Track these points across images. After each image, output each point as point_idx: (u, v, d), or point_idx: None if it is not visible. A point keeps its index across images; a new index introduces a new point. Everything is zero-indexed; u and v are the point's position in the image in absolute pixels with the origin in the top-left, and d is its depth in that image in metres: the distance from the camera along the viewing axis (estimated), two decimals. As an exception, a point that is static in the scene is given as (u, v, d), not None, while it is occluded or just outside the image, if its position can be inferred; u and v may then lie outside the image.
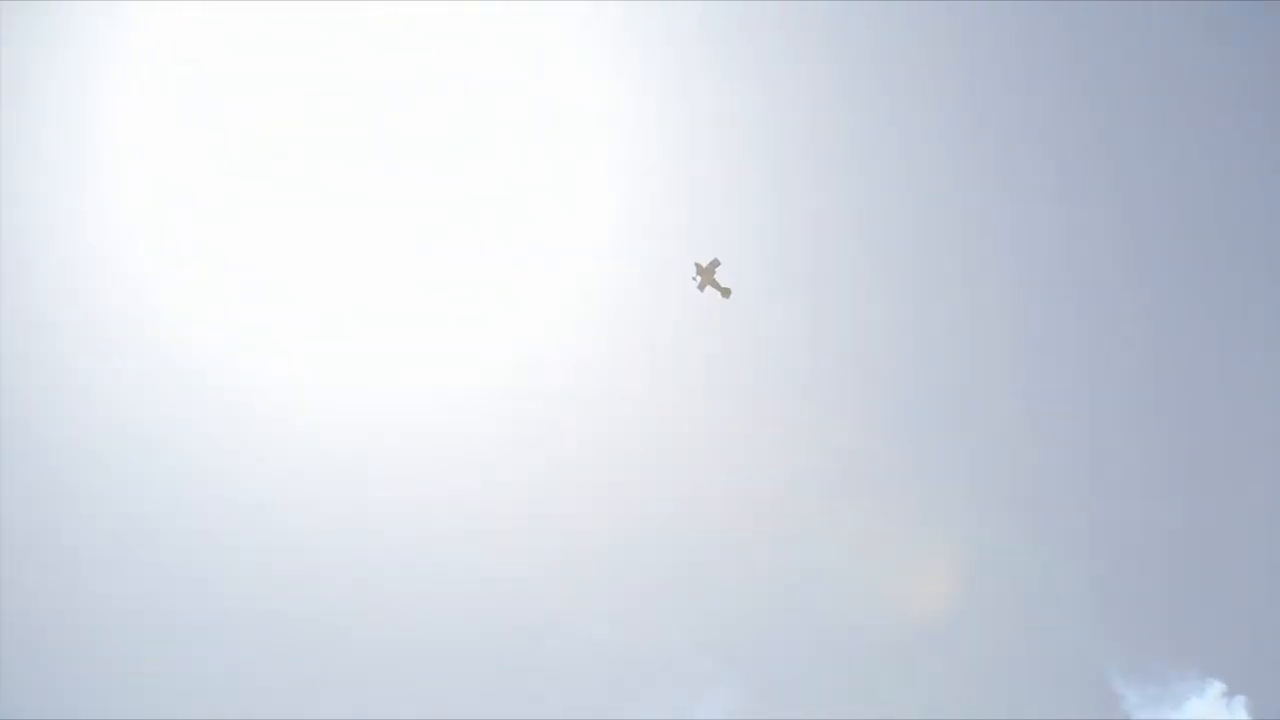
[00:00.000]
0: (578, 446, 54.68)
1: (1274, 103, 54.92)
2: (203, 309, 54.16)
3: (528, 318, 55.35)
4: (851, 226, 55.57)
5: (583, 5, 54.49)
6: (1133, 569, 53.27)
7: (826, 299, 55.28)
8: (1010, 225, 55.56)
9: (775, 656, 52.46)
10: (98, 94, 53.23)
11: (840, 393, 55.08)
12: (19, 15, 51.88)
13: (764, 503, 53.88)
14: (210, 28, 53.72)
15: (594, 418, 54.73)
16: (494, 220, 55.49)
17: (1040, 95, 55.51)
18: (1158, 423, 54.99)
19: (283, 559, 53.11)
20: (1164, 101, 55.37)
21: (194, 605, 52.41)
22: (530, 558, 53.80)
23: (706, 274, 51.18)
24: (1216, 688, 50.43)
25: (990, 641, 52.48)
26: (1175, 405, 55.11)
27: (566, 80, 54.97)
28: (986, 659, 52.27)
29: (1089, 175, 55.59)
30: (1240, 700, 50.15)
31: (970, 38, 55.09)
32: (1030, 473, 54.87)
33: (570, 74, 54.94)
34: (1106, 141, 55.58)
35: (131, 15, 53.18)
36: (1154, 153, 55.55)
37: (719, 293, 51.83)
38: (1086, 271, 55.62)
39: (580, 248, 55.37)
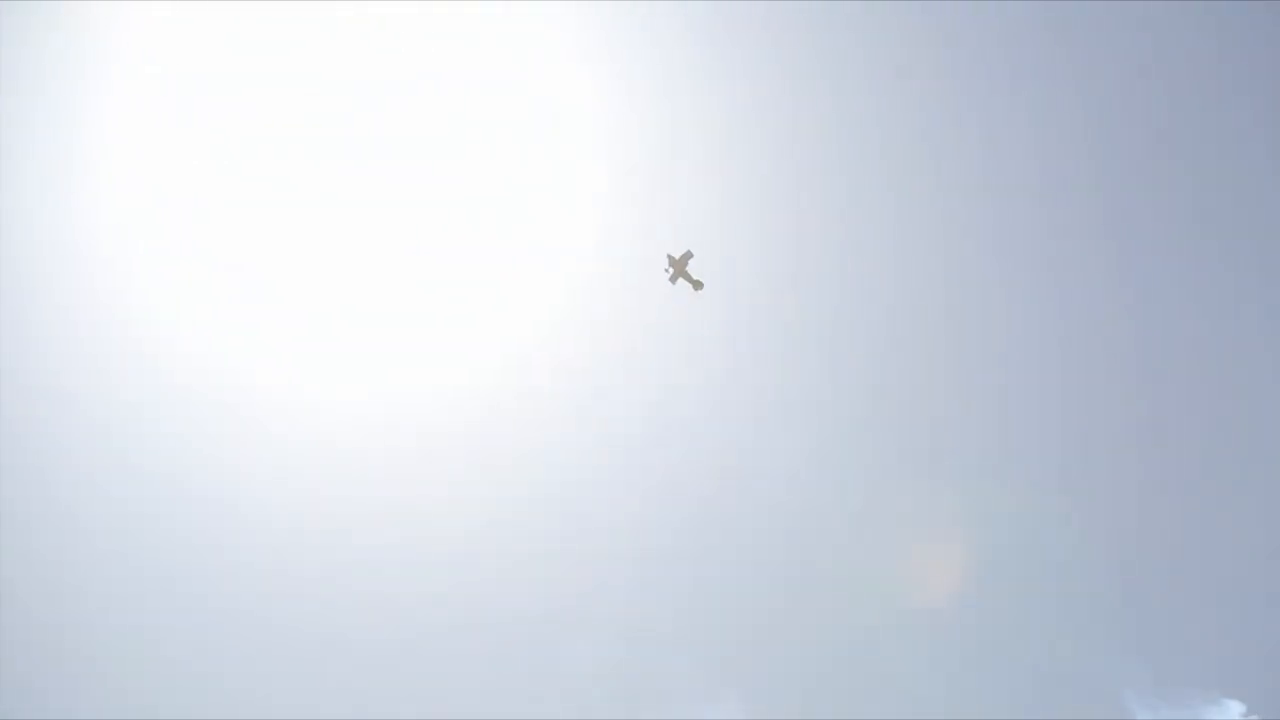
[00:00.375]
0: (577, 447, 54.67)
1: (1270, 102, 55.11)
2: (195, 308, 54.28)
3: (524, 317, 55.40)
4: (847, 225, 55.61)
5: (574, 5, 54.97)
6: (1153, 586, 52.71)
7: (822, 296, 55.28)
8: (998, 223, 55.63)
9: (782, 656, 52.22)
10: (91, 93, 53.71)
11: (840, 391, 55.02)
12: (12, 15, 52.58)
13: (765, 501, 53.86)
14: (205, 27, 54.16)
15: (592, 418, 54.73)
16: (484, 220, 55.68)
17: (1026, 95, 55.64)
18: (1179, 433, 54.44)
19: (280, 561, 52.98)
20: (1155, 101, 55.58)
21: (188, 610, 52.41)
22: (530, 560, 53.75)
23: (679, 266, 51.17)
24: (1235, 708, 50.13)
25: (1004, 654, 52.11)
26: (1199, 413, 54.62)
27: (556, 81, 55.17)
28: (999, 670, 51.97)
29: (1076, 174, 55.64)
30: (1258, 721, 49.65)
31: (957, 37, 55.33)
32: (1045, 480, 54.24)
33: (559, 74, 55.19)
34: (1095, 141, 55.65)
35: (126, 15, 53.80)
36: (1148, 152, 55.61)
37: (691, 285, 52.05)
38: (1095, 266, 55.50)
39: (571, 247, 55.50)
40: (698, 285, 51.64)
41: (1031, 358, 55.27)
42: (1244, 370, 54.24)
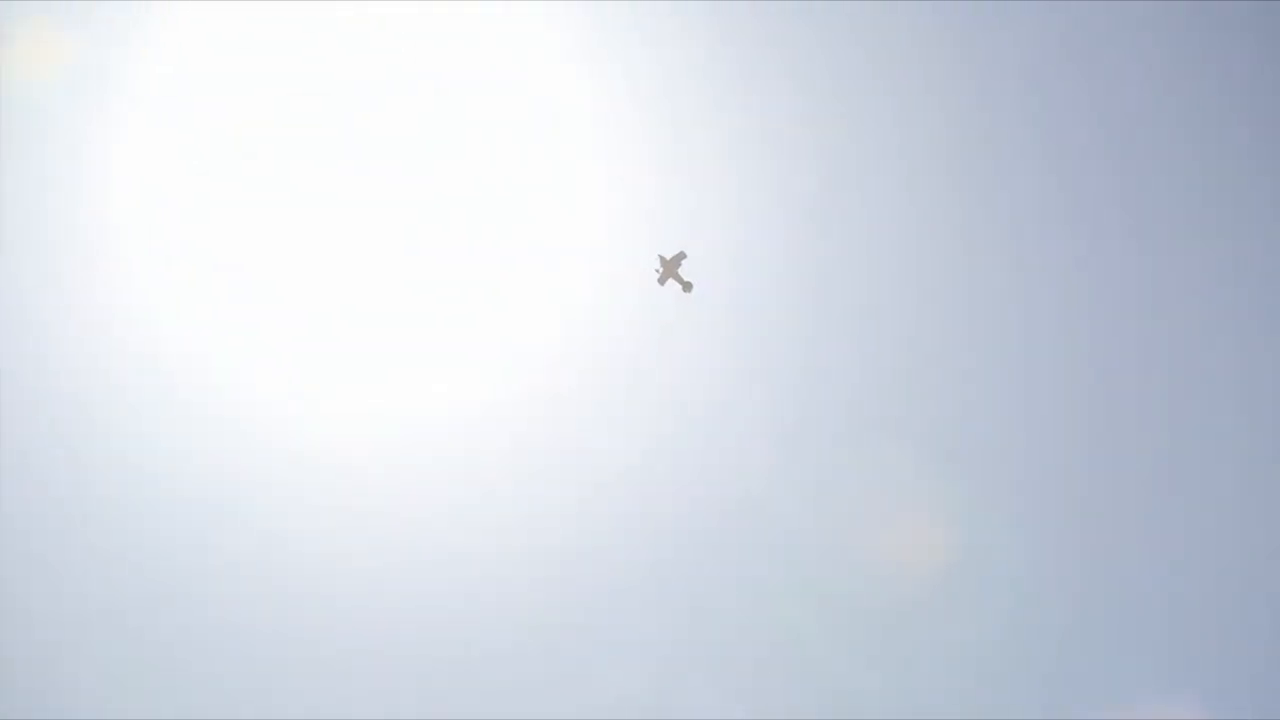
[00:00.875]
0: (580, 450, 54.58)
1: (1272, 103, 55.14)
2: (201, 312, 54.01)
3: (531, 321, 55.18)
4: (846, 228, 55.59)
5: (577, 5, 54.66)
6: (1154, 586, 52.98)
7: (825, 299, 55.17)
8: (1003, 224, 55.59)
9: (790, 658, 52.39)
10: (85, 95, 53.42)
11: (842, 396, 55.00)
12: (12, 14, 52.19)
13: (771, 505, 53.94)
14: (204, 28, 53.88)
15: (589, 421, 54.62)
16: (493, 223, 55.48)
17: (1031, 95, 55.60)
18: (1181, 431, 54.45)
19: (285, 568, 52.83)
20: (1161, 101, 55.58)
21: (187, 615, 52.30)
22: (530, 563, 53.80)
23: (670, 267, 50.46)
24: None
25: (1008, 654, 52.36)
26: (1203, 412, 54.53)
27: (554, 80, 54.93)
28: (1004, 670, 52.19)
29: (1090, 176, 55.69)
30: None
31: (963, 36, 55.22)
32: (1050, 482, 54.38)
33: (558, 74, 54.93)
34: (1101, 142, 55.73)
35: (126, 14, 53.48)
36: (1153, 153, 55.69)
37: (681, 286, 51.38)
38: (1096, 265, 55.49)
39: (575, 249, 55.30)
40: (687, 286, 51.11)
41: (1034, 360, 55.36)
42: (1247, 370, 54.50)
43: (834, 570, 53.13)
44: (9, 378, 52.35)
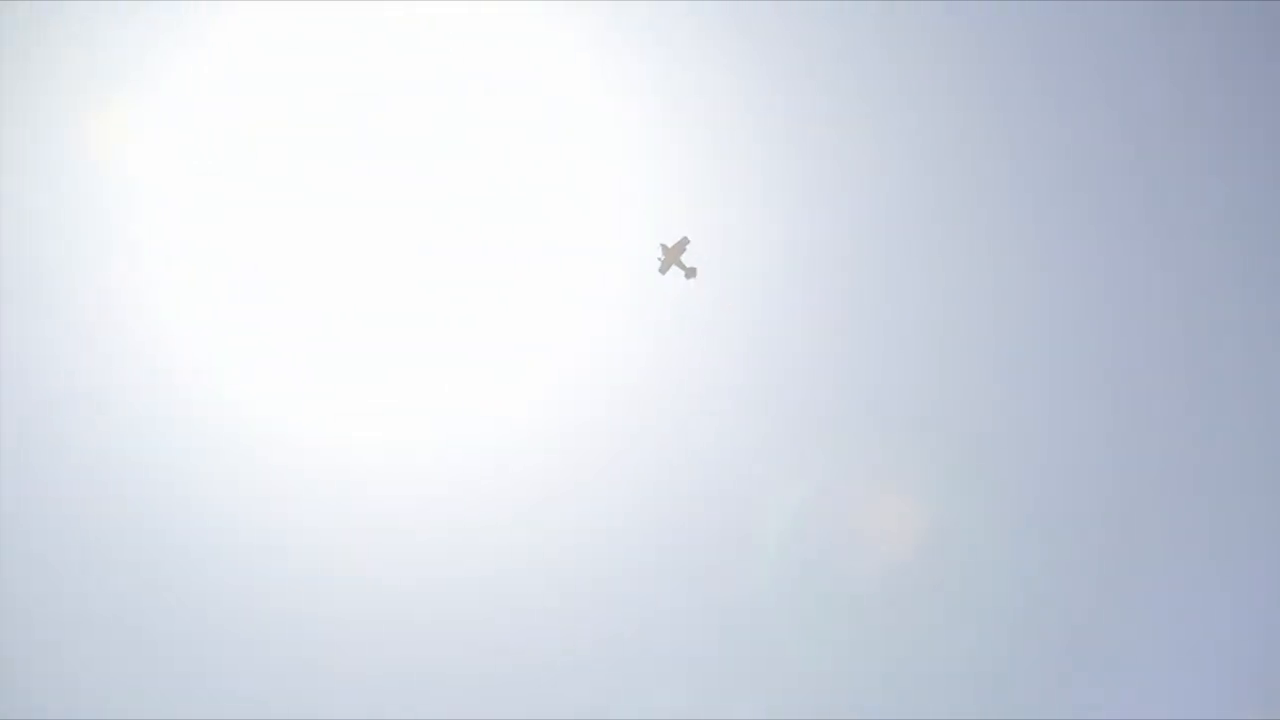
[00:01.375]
0: (578, 451, 54.55)
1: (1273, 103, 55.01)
2: (201, 311, 53.99)
3: (538, 322, 55.12)
4: (857, 228, 55.53)
5: (583, 4, 54.63)
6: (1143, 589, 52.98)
7: (829, 292, 55.10)
8: (1014, 223, 55.51)
9: (793, 658, 52.40)
10: (87, 94, 53.38)
11: (849, 390, 54.87)
12: (14, 14, 52.11)
13: (776, 506, 53.90)
14: (207, 29, 53.88)
15: (590, 421, 54.55)
16: (494, 219, 55.40)
17: (1040, 94, 55.55)
18: (1177, 430, 54.39)
19: (281, 569, 52.85)
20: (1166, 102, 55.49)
21: (187, 623, 52.36)
22: (530, 562, 53.78)
23: (671, 254, 49.06)
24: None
25: (1005, 652, 52.40)
26: (1198, 411, 54.52)
27: (553, 81, 54.90)
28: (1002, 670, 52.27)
29: (1107, 175, 55.56)
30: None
31: (974, 36, 55.18)
32: (1050, 483, 54.34)
33: (568, 74, 54.95)
34: (1120, 142, 55.60)
35: (127, 16, 53.41)
36: (1161, 152, 55.57)
37: (684, 273, 49.64)
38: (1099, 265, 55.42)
39: (577, 246, 55.19)
40: (691, 273, 49.88)
41: (1045, 359, 55.20)
42: (1257, 368, 54.39)
43: (838, 570, 53.14)
44: (9, 378, 52.34)
